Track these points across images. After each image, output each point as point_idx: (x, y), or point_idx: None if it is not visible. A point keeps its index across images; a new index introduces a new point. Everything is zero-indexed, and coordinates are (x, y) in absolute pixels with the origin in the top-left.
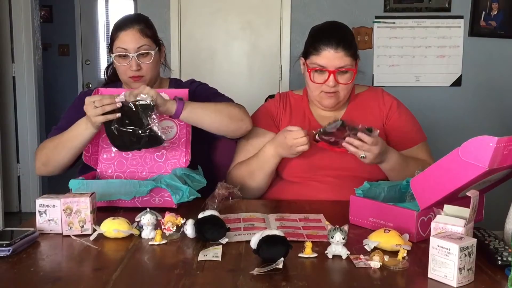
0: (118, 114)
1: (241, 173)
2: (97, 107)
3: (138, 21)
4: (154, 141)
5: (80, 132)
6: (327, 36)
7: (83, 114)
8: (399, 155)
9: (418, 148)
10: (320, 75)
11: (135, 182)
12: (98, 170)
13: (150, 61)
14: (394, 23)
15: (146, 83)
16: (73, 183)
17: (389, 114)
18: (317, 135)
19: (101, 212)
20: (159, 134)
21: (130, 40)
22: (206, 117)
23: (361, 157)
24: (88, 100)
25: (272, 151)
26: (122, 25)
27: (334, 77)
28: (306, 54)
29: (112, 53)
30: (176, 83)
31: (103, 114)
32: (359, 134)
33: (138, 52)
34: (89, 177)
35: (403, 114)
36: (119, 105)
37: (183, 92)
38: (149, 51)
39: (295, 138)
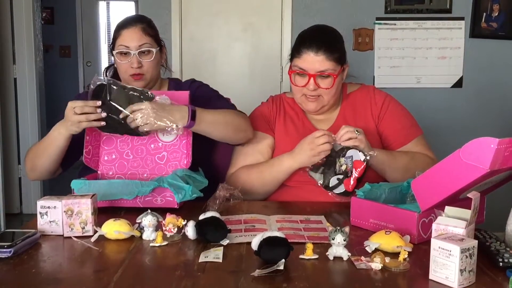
0: (103, 123)
1: (251, 179)
2: (78, 113)
3: (141, 21)
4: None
5: (54, 137)
6: (309, 40)
7: None
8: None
9: (414, 143)
10: (301, 78)
11: (137, 182)
12: (99, 172)
13: (151, 59)
14: (395, 24)
15: (147, 82)
16: (75, 183)
17: (380, 113)
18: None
19: (103, 213)
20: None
21: (132, 38)
22: (214, 129)
23: (356, 131)
24: (70, 104)
25: (291, 161)
26: (125, 23)
27: (314, 81)
28: (291, 56)
29: (113, 50)
30: (175, 83)
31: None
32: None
33: (140, 50)
34: (90, 178)
35: (395, 110)
36: (104, 115)
37: (184, 94)
38: (150, 49)
39: (316, 137)
